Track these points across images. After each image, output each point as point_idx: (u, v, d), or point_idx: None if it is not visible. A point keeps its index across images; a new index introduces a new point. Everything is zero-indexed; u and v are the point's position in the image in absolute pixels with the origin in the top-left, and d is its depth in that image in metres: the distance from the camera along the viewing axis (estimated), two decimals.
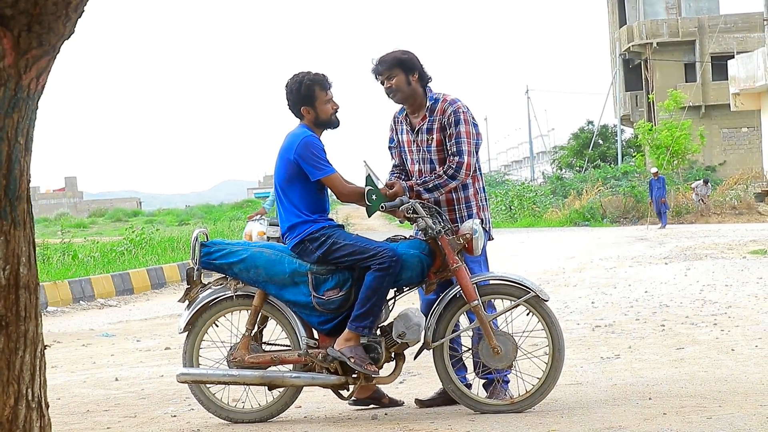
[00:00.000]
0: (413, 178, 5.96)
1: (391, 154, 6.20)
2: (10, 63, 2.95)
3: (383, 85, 5.92)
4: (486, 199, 6.05)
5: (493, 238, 6.07)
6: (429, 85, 5.97)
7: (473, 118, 5.90)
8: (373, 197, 5.65)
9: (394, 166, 6.18)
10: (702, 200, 36.14)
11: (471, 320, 5.74)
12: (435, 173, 5.82)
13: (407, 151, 6.05)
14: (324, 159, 5.62)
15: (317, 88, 5.68)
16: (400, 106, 6.04)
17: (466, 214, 5.89)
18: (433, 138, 5.88)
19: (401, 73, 5.86)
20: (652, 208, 32.22)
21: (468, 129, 5.82)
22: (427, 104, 5.91)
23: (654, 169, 33.18)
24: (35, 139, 3.15)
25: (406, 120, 6.02)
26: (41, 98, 3.13)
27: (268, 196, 16.41)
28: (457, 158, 5.78)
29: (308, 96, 5.67)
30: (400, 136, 6.10)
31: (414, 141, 5.97)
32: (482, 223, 5.88)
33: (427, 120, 5.90)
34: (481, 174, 6.01)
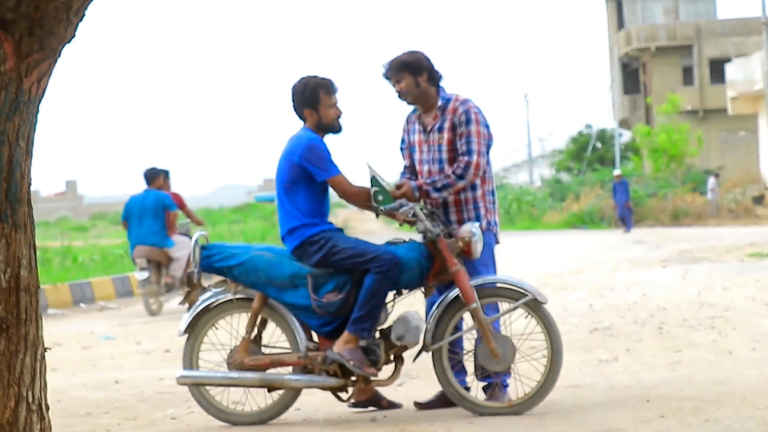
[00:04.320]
0: (421, 179, 5.94)
1: (402, 155, 6.20)
2: (11, 67, 2.96)
3: (395, 88, 5.92)
4: (494, 202, 5.99)
5: (499, 242, 6.06)
6: (442, 85, 5.94)
7: (485, 118, 5.87)
8: (380, 198, 5.65)
9: (405, 167, 6.17)
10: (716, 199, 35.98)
11: None
12: (444, 173, 5.79)
13: (417, 151, 6.02)
14: (330, 160, 5.63)
15: (322, 91, 5.69)
16: (413, 107, 6.03)
17: (474, 215, 5.85)
18: (444, 137, 5.85)
19: (408, 75, 5.84)
20: (616, 213, 31.99)
21: (479, 129, 5.79)
22: (439, 103, 5.90)
23: (617, 172, 33.05)
24: (36, 142, 3.17)
25: (419, 120, 6.00)
26: (42, 102, 3.15)
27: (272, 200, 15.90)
28: (466, 158, 5.75)
29: (312, 99, 5.68)
30: (411, 137, 6.08)
31: (425, 141, 5.95)
32: (489, 226, 5.88)
33: (439, 119, 5.88)
34: (491, 176, 5.97)
